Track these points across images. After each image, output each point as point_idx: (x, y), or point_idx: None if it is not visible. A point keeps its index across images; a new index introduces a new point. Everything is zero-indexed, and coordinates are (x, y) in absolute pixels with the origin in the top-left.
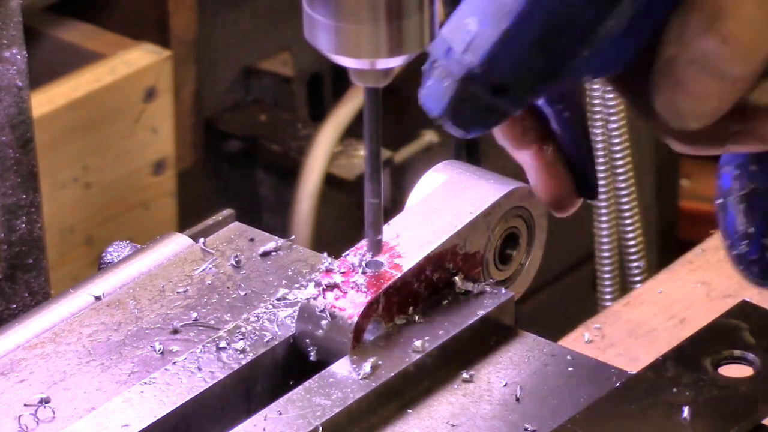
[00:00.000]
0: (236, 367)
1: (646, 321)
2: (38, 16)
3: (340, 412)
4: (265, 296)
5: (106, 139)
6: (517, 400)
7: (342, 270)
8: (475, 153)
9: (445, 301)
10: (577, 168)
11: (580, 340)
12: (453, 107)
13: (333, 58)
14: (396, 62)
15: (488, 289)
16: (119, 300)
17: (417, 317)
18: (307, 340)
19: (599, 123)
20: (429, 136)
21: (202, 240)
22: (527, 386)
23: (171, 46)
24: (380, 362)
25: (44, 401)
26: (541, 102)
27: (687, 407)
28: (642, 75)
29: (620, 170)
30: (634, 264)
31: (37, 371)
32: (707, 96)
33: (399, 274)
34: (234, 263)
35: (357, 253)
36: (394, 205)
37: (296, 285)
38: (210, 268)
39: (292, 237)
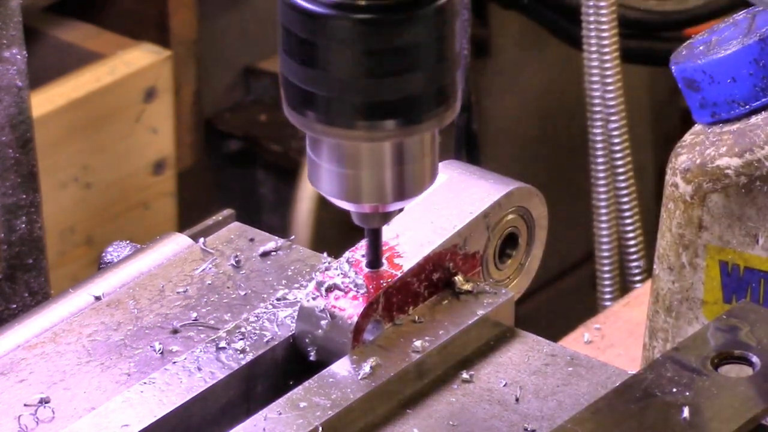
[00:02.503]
0: (236, 367)
1: (645, 321)
2: (38, 16)
3: (340, 412)
4: (265, 296)
5: (106, 139)
6: (517, 400)
7: (341, 272)
8: (475, 153)
9: (445, 301)
10: None
11: (580, 340)
12: None
13: (335, 202)
14: (398, 206)
15: (488, 289)
16: (119, 300)
17: (417, 317)
18: (307, 340)
19: (599, 123)
20: None
21: (202, 240)
22: (527, 386)
23: (171, 46)
24: (380, 362)
25: (44, 401)
26: None
27: (687, 407)
28: None
29: (620, 170)
30: (634, 264)
31: (37, 371)
32: None
33: (399, 274)
34: (234, 263)
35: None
36: None
37: (296, 285)
38: (210, 268)
39: (292, 237)
